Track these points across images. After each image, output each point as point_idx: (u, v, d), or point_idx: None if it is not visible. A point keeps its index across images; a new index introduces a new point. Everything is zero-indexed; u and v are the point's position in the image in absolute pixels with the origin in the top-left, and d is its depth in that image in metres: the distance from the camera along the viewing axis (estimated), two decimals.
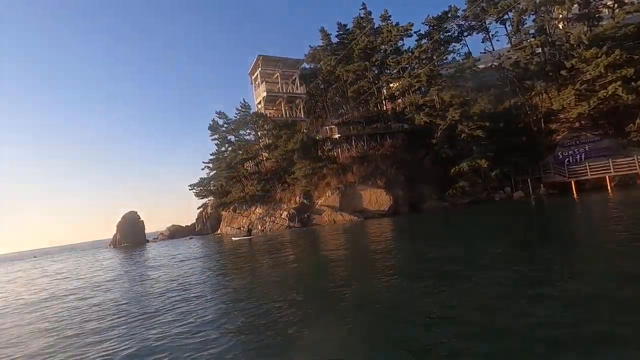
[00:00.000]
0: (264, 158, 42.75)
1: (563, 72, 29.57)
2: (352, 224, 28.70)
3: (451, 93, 30.75)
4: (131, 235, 50.67)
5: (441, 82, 33.41)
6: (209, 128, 43.68)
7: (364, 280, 8.80)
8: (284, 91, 46.34)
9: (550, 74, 31.79)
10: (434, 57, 35.93)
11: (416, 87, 41.78)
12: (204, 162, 46.56)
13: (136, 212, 53.80)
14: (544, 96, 32.26)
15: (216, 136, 44.69)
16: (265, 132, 41.88)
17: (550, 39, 31.57)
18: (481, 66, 35.30)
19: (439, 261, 9.68)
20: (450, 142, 32.37)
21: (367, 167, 33.20)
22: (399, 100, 44.16)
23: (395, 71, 38.93)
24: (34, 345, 7.23)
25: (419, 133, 35.62)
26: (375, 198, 31.15)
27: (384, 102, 46.36)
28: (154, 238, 58.36)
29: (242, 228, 39.60)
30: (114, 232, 51.68)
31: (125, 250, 41.17)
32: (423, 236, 16.57)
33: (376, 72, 44.45)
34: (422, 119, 31.71)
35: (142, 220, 54.49)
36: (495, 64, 33.87)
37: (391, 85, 41.14)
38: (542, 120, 31.90)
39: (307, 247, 18.50)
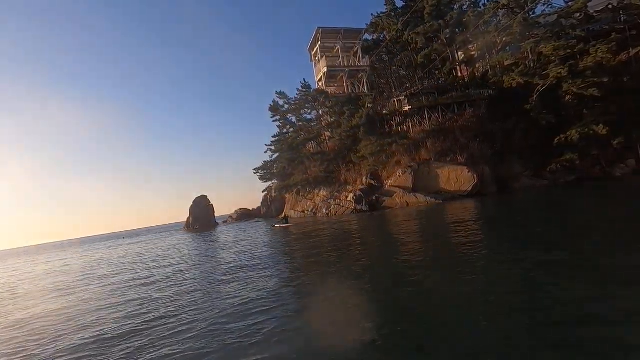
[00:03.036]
0: (327, 137, 40.42)
1: None
2: (429, 206, 25.14)
3: (553, 44, 24.74)
4: (202, 218, 52.75)
5: (539, 34, 27.27)
6: (270, 109, 42.56)
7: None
8: (346, 65, 43.11)
9: None
10: (527, 5, 29.46)
11: (500, 47, 35.63)
12: (266, 145, 45.94)
13: (206, 196, 55.89)
14: None
15: (277, 117, 43.47)
16: (327, 109, 39.33)
17: None
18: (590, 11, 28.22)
19: (554, 270, 6.29)
20: (551, 106, 26.50)
21: (444, 142, 28.92)
22: (478, 64, 38.23)
23: (474, 29, 33.11)
24: None
25: (506, 99, 30.01)
26: (455, 176, 26.93)
27: (458, 68, 40.68)
28: (224, 221, 60.53)
29: (305, 211, 38.22)
30: (187, 215, 54.27)
31: (199, 232, 42.58)
32: (526, 226, 12.62)
33: (449, 34, 38.83)
34: (514, 79, 26.19)
35: (212, 204, 56.49)
36: (613, 4, 26.61)
37: (470, 47, 35.38)
38: None
39: (362, 244, 15.61)
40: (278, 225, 28.72)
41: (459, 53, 39.65)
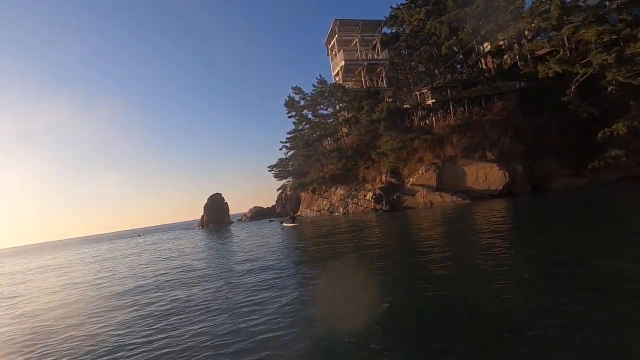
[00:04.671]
0: (344, 134, 38.84)
1: None
2: (455, 207, 23.29)
3: (596, 29, 22.45)
4: (216, 216, 52.05)
5: (574, 19, 25.04)
6: (285, 104, 41.27)
7: None
8: (364, 58, 41.37)
9: None
10: None
11: (530, 36, 33.30)
12: (281, 142, 44.75)
13: (220, 194, 55.16)
14: None
15: (293, 113, 42.14)
16: (345, 104, 37.70)
17: None
18: None
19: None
20: (591, 97, 24.24)
21: (472, 137, 26.94)
22: (507, 55, 35.92)
23: (504, 15, 30.85)
24: None
25: (539, 91, 27.79)
26: (484, 174, 24.95)
27: (483, 60, 38.44)
28: (238, 219, 59.78)
29: (322, 210, 36.81)
30: (201, 213, 53.67)
31: (211, 231, 41.73)
32: (578, 232, 10.76)
33: (474, 23, 36.59)
34: (550, 68, 23.96)
35: (226, 202, 55.74)
36: None
37: (498, 36, 33.07)
38: None
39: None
40: (285, 225, 28.94)
41: (485, 44, 37.42)
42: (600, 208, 14.93)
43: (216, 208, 53.18)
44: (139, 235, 64.85)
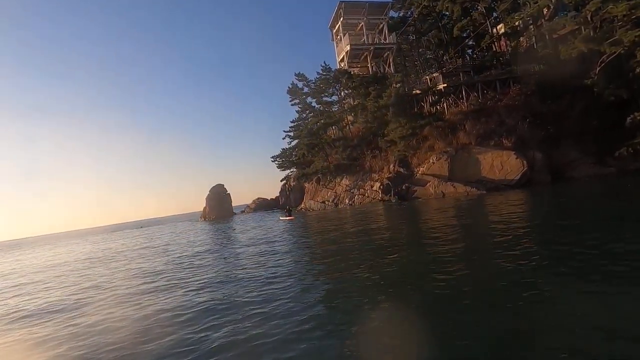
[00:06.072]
0: (349, 122, 37.23)
1: None
2: (469, 198, 21.82)
3: (627, 4, 20.50)
4: (218, 208, 50.96)
5: None
6: (288, 92, 39.73)
7: None
8: (371, 42, 39.48)
9: None
10: None
11: (547, 16, 31.21)
12: (284, 131, 43.19)
13: (223, 185, 54.02)
14: None
15: (296, 101, 40.54)
16: (350, 91, 36.02)
17: None
18: None
19: None
20: (617, 80, 22.37)
21: (487, 124, 25.25)
22: (523, 37, 33.91)
23: None
24: None
25: (559, 74, 25.89)
26: (500, 163, 23.34)
27: (497, 43, 36.44)
28: (241, 211, 58.66)
29: (326, 202, 35.45)
30: (203, 205, 52.63)
31: (213, 223, 40.64)
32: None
33: (488, 3, 34.50)
34: (574, 48, 22.07)
35: (229, 194, 54.60)
36: None
37: (515, 16, 31.04)
38: None
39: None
40: (282, 218, 27.92)
41: (499, 26, 35.39)
42: (631, 199, 13.37)
43: (218, 200, 52.05)
44: (141, 227, 64.29)
